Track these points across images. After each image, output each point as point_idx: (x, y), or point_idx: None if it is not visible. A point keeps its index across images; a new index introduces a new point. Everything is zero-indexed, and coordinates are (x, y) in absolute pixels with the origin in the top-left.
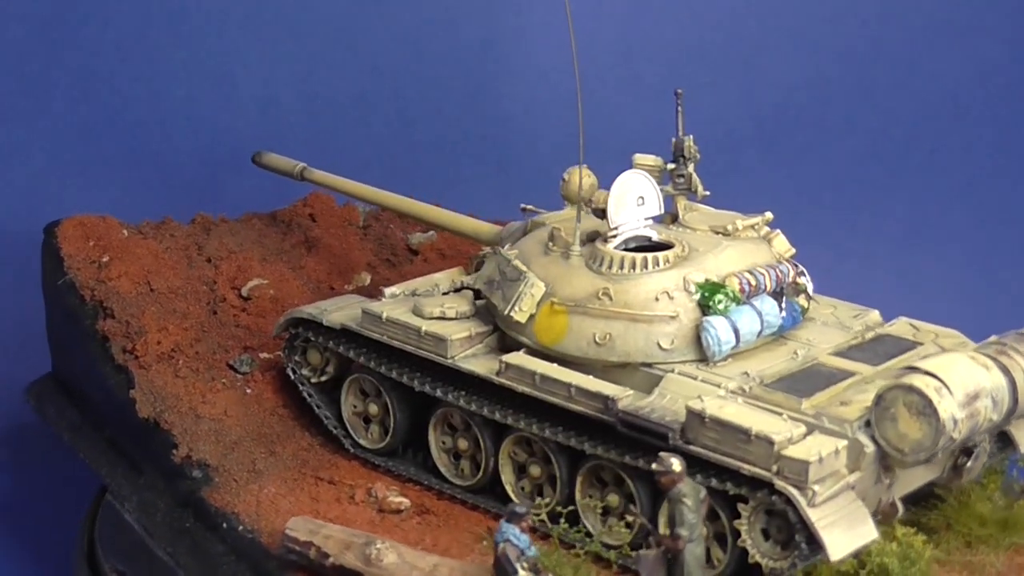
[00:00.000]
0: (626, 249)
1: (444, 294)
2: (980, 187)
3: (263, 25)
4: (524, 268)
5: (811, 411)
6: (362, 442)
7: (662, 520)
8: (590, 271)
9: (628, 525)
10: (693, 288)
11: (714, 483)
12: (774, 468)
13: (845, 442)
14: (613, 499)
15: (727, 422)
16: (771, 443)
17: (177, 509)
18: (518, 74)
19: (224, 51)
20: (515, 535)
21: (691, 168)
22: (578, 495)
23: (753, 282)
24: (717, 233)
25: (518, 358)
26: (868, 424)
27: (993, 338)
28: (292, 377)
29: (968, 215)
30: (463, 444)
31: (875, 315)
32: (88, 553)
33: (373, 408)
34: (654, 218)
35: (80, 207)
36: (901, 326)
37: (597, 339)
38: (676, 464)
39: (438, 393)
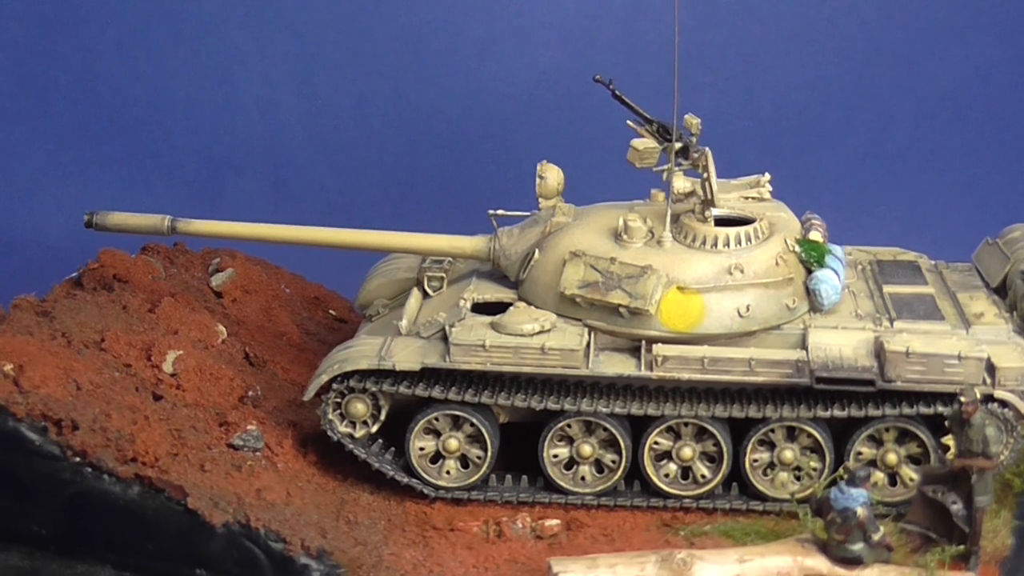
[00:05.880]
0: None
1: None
2: (980, 187)
3: (263, 25)
4: (647, 263)
5: (958, 329)
6: (441, 483)
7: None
8: (702, 251)
9: (797, 477)
10: (798, 248)
11: (921, 410)
12: (988, 381)
13: (1018, 346)
14: (788, 455)
15: (932, 353)
16: (981, 360)
17: None
18: (517, 74)
19: (224, 51)
20: (866, 497)
21: (694, 141)
22: (747, 462)
23: (826, 234)
24: (747, 199)
25: (670, 349)
26: (1018, 329)
27: None
28: (334, 438)
29: (968, 215)
30: (586, 450)
31: None
32: None
33: (452, 444)
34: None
35: (79, 208)
36: (859, 254)
37: (741, 313)
38: (978, 393)
39: (564, 406)
